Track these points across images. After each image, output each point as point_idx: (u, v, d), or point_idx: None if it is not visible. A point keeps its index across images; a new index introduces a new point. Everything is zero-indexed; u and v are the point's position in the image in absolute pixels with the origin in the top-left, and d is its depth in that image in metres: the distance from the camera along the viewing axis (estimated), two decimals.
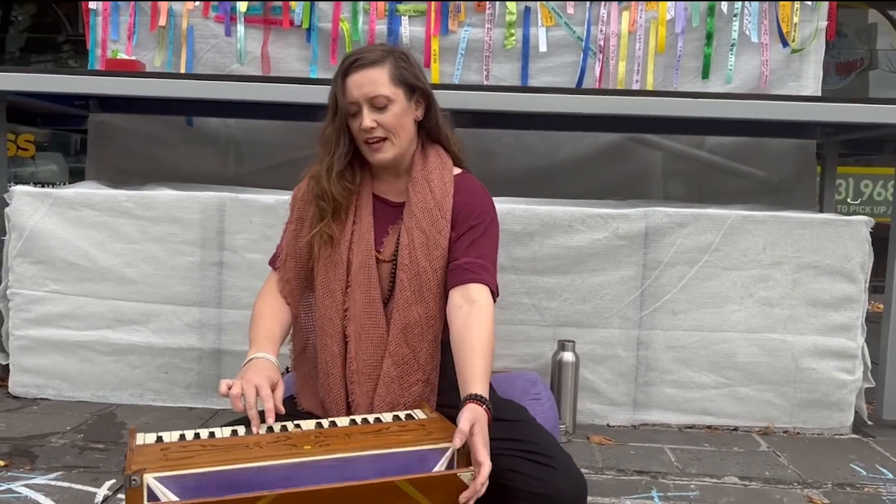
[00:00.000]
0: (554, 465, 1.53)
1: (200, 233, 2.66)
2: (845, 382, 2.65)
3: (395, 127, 1.61)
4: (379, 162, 1.64)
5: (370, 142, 1.62)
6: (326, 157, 1.64)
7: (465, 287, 1.60)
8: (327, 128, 1.64)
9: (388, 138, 1.61)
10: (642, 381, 2.67)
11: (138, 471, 1.28)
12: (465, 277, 1.61)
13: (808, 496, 2.11)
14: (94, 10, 3.37)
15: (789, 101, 2.90)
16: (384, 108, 1.59)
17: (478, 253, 1.65)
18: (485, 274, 1.63)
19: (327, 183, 1.63)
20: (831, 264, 2.63)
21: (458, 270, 1.63)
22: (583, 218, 2.63)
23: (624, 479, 2.19)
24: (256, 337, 1.64)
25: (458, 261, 1.64)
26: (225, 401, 2.67)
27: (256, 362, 1.56)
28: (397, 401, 1.62)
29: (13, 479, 2.01)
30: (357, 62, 1.60)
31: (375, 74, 1.59)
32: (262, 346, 1.61)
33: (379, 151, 1.62)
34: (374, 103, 1.59)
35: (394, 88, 1.60)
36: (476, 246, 1.65)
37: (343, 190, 1.64)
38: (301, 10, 3.28)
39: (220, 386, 1.49)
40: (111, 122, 3.57)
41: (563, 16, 3.25)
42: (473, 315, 1.57)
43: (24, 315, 2.69)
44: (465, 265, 1.63)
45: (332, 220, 1.65)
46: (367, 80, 1.58)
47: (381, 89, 1.59)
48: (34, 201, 2.67)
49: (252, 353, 1.60)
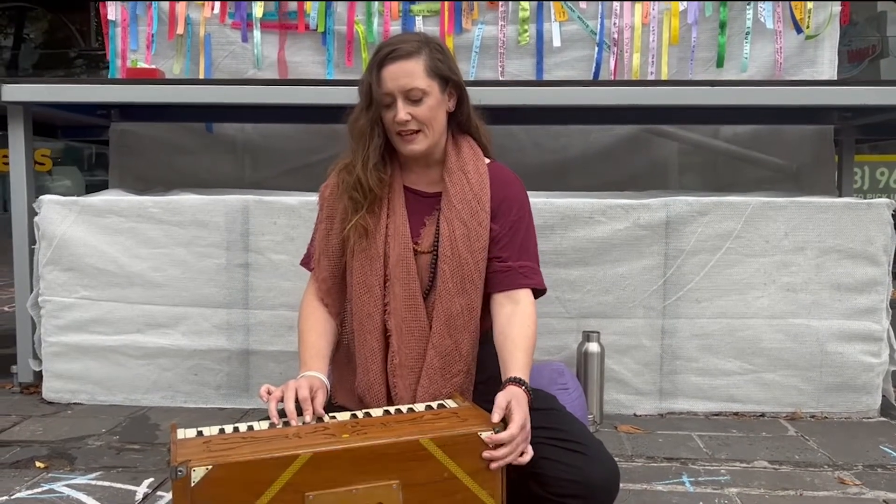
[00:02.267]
0: (586, 451, 1.54)
1: (226, 235, 2.70)
2: (871, 365, 2.64)
3: (428, 119, 1.61)
4: (410, 153, 1.64)
5: (403, 133, 1.62)
6: (361, 149, 1.63)
7: (514, 292, 1.63)
8: (359, 118, 1.63)
9: (422, 130, 1.61)
10: (667, 369, 2.68)
11: (184, 462, 1.31)
12: (517, 282, 1.63)
13: (839, 478, 2.11)
14: (113, 21, 3.43)
15: (806, 86, 2.90)
16: (419, 100, 1.59)
17: (529, 255, 1.67)
18: (535, 277, 1.66)
19: (364, 174, 1.62)
20: (854, 248, 2.63)
21: (511, 274, 1.64)
22: (603, 209, 2.64)
23: (654, 465, 2.21)
24: (304, 356, 1.65)
25: (512, 262, 1.64)
26: (255, 401, 2.74)
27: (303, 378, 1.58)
28: (439, 392, 1.64)
29: (54, 479, 2.05)
30: (393, 53, 1.58)
31: (411, 66, 1.58)
32: (309, 365, 1.62)
33: (412, 143, 1.62)
34: (409, 96, 1.58)
35: (429, 81, 1.60)
36: (527, 246, 1.67)
37: (378, 181, 1.64)
38: (316, 14, 3.32)
39: (261, 391, 1.51)
40: (132, 130, 3.62)
41: (576, 10, 3.28)
42: (517, 314, 1.60)
43: (56, 322, 2.74)
44: (521, 269, 1.64)
45: (366, 212, 1.65)
46: (403, 73, 1.57)
47: (416, 82, 1.58)
48: (62, 210, 2.72)
49: (301, 373, 1.60)
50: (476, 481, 1.40)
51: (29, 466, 2.14)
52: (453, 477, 1.39)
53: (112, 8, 3.43)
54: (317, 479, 1.33)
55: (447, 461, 1.38)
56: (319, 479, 1.33)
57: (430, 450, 1.37)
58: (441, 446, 1.37)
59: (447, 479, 1.38)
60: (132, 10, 3.41)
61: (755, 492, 2.02)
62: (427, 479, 1.37)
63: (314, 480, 1.33)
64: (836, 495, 2.00)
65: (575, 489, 1.49)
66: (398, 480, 1.35)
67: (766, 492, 2.02)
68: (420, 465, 1.36)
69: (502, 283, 1.63)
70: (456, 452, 1.38)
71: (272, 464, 1.31)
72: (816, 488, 2.04)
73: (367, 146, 1.63)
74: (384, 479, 1.35)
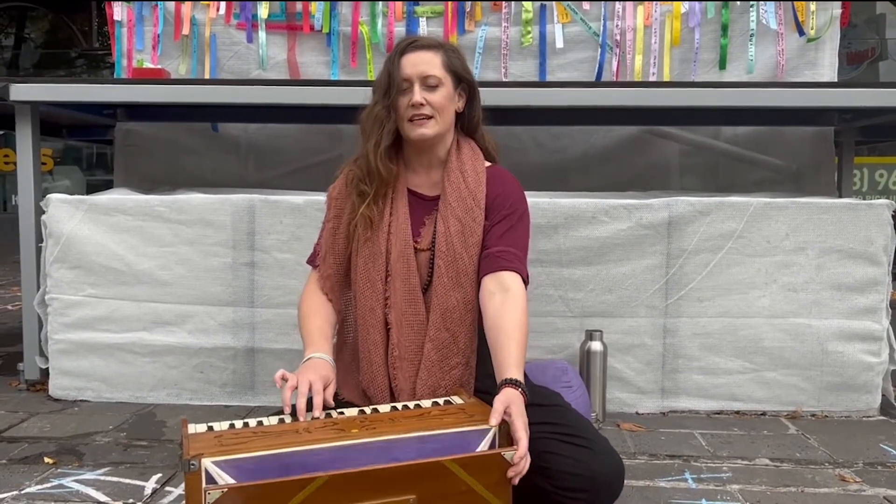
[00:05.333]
0: (591, 446, 1.57)
1: (232, 234, 2.72)
2: (871, 365, 2.67)
3: (441, 107, 1.69)
4: (420, 136, 1.70)
5: (415, 118, 1.68)
6: (375, 132, 1.70)
7: (498, 275, 1.66)
8: (377, 104, 1.71)
9: (433, 117, 1.69)
10: (669, 368, 2.70)
11: (196, 456, 1.34)
12: (497, 265, 1.67)
13: (839, 475, 2.14)
14: (118, 22, 3.45)
15: (807, 87, 2.93)
16: (435, 87, 1.69)
17: (510, 241, 1.70)
18: (516, 262, 1.68)
19: (374, 157, 1.69)
20: (854, 248, 2.65)
21: (490, 258, 1.68)
22: (606, 209, 2.67)
23: (656, 462, 2.23)
24: (311, 336, 1.69)
25: (491, 249, 1.69)
26: (260, 398, 2.76)
27: (313, 362, 1.61)
28: (438, 384, 1.67)
29: (63, 475, 2.07)
30: (414, 43, 1.72)
31: (430, 56, 1.70)
32: (318, 345, 1.66)
33: (422, 126, 1.69)
34: (426, 82, 1.68)
35: (444, 73, 1.70)
36: (508, 235, 1.71)
37: (387, 168, 1.70)
38: (321, 16, 3.34)
39: (276, 376, 1.55)
40: (138, 130, 3.64)
41: (578, 12, 3.30)
42: (507, 302, 1.62)
43: (63, 319, 2.76)
44: (498, 253, 1.68)
45: (372, 202, 1.71)
46: (422, 60, 1.69)
47: (434, 70, 1.69)
48: (69, 208, 2.74)
49: (309, 353, 1.65)
50: (493, 493, 1.41)
51: (37, 462, 2.16)
52: (470, 490, 1.39)
53: (118, 8, 3.45)
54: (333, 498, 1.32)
55: (467, 477, 1.39)
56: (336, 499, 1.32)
57: (451, 468, 1.38)
58: (462, 465, 1.38)
59: (464, 492, 1.39)
60: (138, 11, 3.43)
61: (757, 488, 2.04)
62: (444, 493, 1.37)
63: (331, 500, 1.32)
64: (836, 492, 2.02)
65: (580, 483, 1.52)
66: (415, 496, 1.36)
67: (768, 488, 2.04)
68: (439, 482, 1.37)
69: (484, 267, 1.68)
70: (476, 470, 1.39)
71: (289, 486, 1.31)
72: (817, 485, 2.07)
73: (381, 129, 1.70)
74: (401, 495, 1.36)
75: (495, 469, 1.41)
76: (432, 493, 1.36)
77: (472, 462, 1.39)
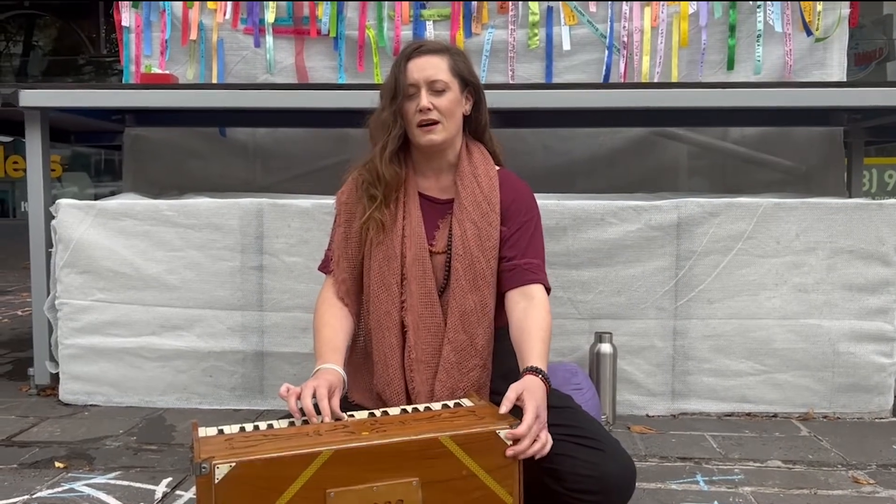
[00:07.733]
0: (603, 448, 1.57)
1: (240, 238, 2.73)
2: (884, 366, 2.65)
3: (448, 112, 1.70)
4: (429, 143, 1.71)
5: (423, 123, 1.69)
6: (382, 137, 1.71)
7: (524, 288, 1.69)
8: (384, 110, 1.72)
9: (440, 122, 1.69)
10: (680, 370, 2.69)
11: (207, 458, 1.34)
12: (525, 278, 1.70)
13: (853, 477, 2.12)
14: (126, 28, 3.47)
15: (816, 87, 2.91)
16: (441, 92, 1.69)
17: (534, 253, 1.74)
18: (541, 273, 1.73)
19: (380, 162, 1.70)
20: (865, 248, 2.64)
21: (518, 271, 1.70)
22: (615, 211, 2.66)
23: (668, 465, 2.22)
24: (321, 349, 1.70)
25: (517, 261, 1.71)
26: (269, 402, 2.76)
27: (320, 372, 1.62)
28: (457, 386, 1.68)
29: (74, 479, 2.07)
30: (421, 48, 1.72)
31: (437, 61, 1.70)
32: (326, 357, 1.67)
33: (430, 132, 1.70)
34: (432, 87, 1.68)
35: (451, 77, 1.70)
36: (531, 245, 1.74)
37: (393, 173, 1.71)
38: (328, 20, 3.35)
39: (280, 391, 1.55)
40: (146, 135, 3.66)
41: (585, 14, 3.30)
42: (532, 308, 1.66)
43: (72, 324, 2.77)
44: (525, 266, 1.71)
45: (383, 206, 1.72)
46: (429, 65, 1.69)
47: (440, 74, 1.69)
48: (79, 213, 2.75)
49: (318, 365, 1.65)
50: (494, 478, 1.42)
51: (48, 466, 2.17)
52: (472, 474, 1.41)
53: (126, 14, 3.46)
54: (338, 476, 1.36)
55: (466, 459, 1.41)
56: (340, 476, 1.36)
57: (450, 447, 1.40)
58: (460, 444, 1.40)
59: (466, 476, 1.41)
60: (146, 17, 3.44)
61: (769, 490, 2.03)
62: (446, 477, 1.40)
63: (335, 477, 1.36)
64: (850, 494, 2.00)
65: (591, 484, 1.52)
66: (418, 478, 1.38)
67: (781, 490, 2.03)
68: (439, 463, 1.39)
69: (511, 280, 1.70)
70: (474, 450, 1.41)
71: (294, 461, 1.34)
72: (830, 487, 2.05)
73: (388, 134, 1.71)
74: (404, 477, 1.38)
75: (496, 452, 1.41)
76: (434, 476, 1.38)
77: (468, 440, 1.40)
